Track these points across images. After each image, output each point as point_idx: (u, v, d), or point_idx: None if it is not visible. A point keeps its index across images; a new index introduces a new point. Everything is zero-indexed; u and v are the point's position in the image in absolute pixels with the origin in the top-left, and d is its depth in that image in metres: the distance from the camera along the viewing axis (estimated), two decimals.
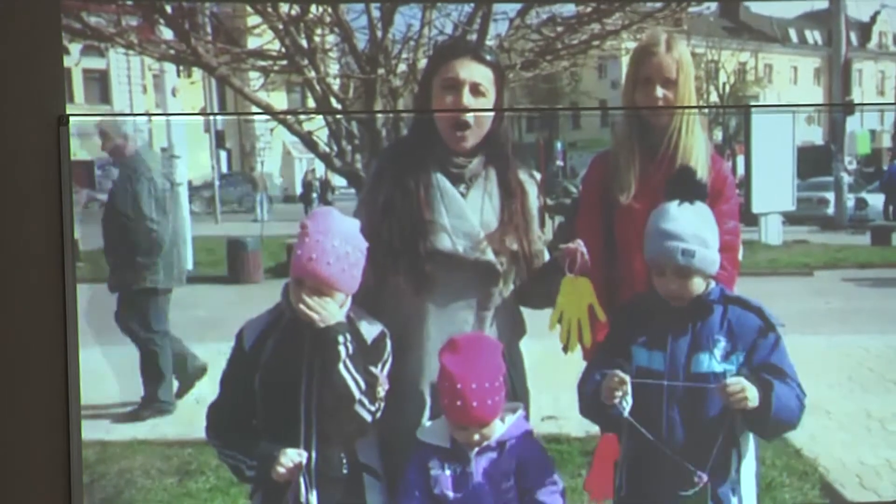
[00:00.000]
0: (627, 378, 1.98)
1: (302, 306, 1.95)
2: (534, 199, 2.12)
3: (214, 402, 2.06)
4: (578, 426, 2.22)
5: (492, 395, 1.98)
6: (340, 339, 1.96)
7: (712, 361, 2.00)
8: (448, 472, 2.00)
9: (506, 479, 2.00)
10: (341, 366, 1.96)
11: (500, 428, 2.01)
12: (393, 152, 2.20)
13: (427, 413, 2.08)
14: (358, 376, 1.97)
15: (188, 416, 2.26)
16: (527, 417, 2.08)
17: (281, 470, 1.98)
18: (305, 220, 2.02)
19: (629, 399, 1.98)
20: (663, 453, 1.99)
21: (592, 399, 2.03)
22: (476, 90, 2.05)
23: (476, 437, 1.99)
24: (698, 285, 2.01)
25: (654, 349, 2.01)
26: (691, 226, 1.99)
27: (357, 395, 1.97)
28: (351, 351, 1.97)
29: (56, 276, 2.01)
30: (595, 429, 2.19)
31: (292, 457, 1.98)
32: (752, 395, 1.95)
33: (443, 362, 2.00)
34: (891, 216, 2.62)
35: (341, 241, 1.96)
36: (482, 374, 1.98)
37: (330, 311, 1.97)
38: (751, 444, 2.07)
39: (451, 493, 1.99)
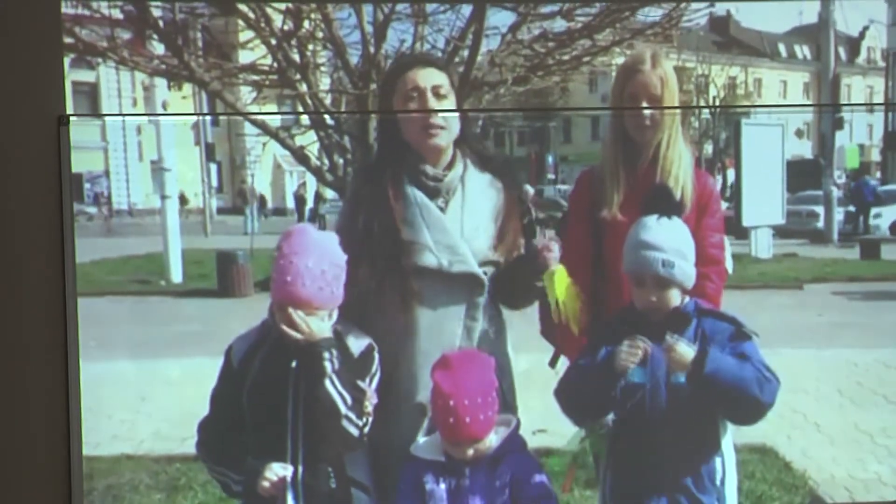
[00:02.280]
0: (648, 345, 1.99)
1: (284, 326, 1.95)
2: (512, 206, 2.12)
3: (205, 419, 2.05)
4: (567, 440, 2.20)
5: (484, 410, 1.97)
6: (326, 354, 1.95)
7: None
8: (443, 486, 1.99)
9: (500, 492, 2.00)
10: (327, 381, 1.96)
11: (494, 441, 2.01)
12: (366, 174, 2.19)
13: (423, 429, 2.07)
14: (344, 391, 1.97)
15: (176, 432, 2.26)
16: (518, 429, 2.07)
17: (266, 484, 1.97)
18: (280, 240, 2.02)
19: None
20: (648, 453, 1.99)
21: (578, 396, 2.03)
22: (437, 93, 2.06)
23: (470, 452, 1.99)
24: (675, 298, 2.03)
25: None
26: (670, 239, 2.02)
27: (343, 410, 1.96)
28: (337, 366, 1.97)
29: (56, 276, 2.00)
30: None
31: (277, 471, 1.97)
32: (683, 351, 1.97)
33: (435, 380, 1.99)
34: (860, 229, 2.63)
35: (316, 260, 1.96)
36: (474, 390, 1.98)
37: (314, 327, 1.96)
38: (732, 456, 2.06)
39: None
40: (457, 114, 2.06)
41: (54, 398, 2.03)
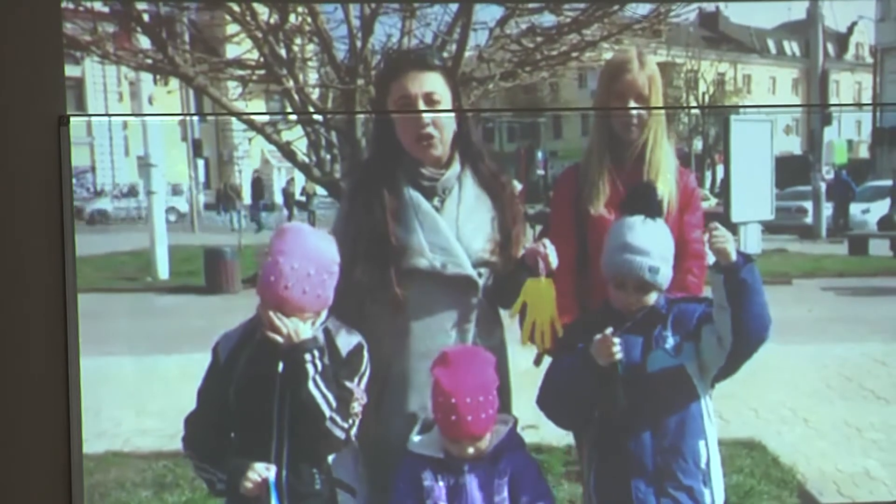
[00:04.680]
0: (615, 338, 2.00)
1: (267, 329, 1.93)
2: (514, 208, 2.12)
3: (191, 415, 2.04)
4: (559, 435, 2.21)
5: (485, 408, 1.97)
6: (308, 356, 1.93)
7: (665, 357, 2.02)
8: (441, 484, 1.99)
9: (499, 491, 2.00)
10: (311, 384, 1.93)
11: (494, 440, 2.00)
12: (361, 177, 2.19)
13: (416, 429, 2.06)
14: (329, 393, 1.95)
15: (163, 429, 2.24)
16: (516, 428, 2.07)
17: (248, 484, 1.95)
18: (272, 236, 2.00)
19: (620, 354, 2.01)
20: (630, 441, 2.00)
21: (556, 398, 2.04)
22: (430, 100, 2.05)
23: (470, 450, 1.98)
24: (653, 298, 2.04)
25: None
26: (656, 243, 2.03)
27: (328, 412, 1.94)
28: (321, 368, 1.94)
29: (56, 277, 1.99)
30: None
31: (260, 471, 1.96)
32: (732, 248, 1.99)
33: (436, 376, 1.98)
34: (839, 226, 2.64)
35: (302, 262, 1.93)
36: (475, 387, 1.97)
37: (294, 329, 1.94)
38: (715, 439, 2.08)
39: None
40: (452, 116, 2.06)
41: (53, 395, 2.02)
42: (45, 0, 1.98)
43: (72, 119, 1.97)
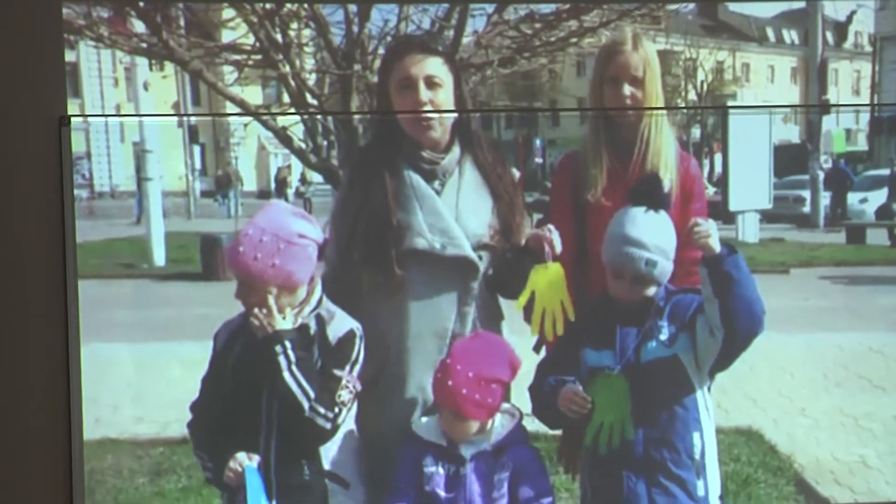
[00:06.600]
0: (589, 402, 2.00)
1: (251, 316, 1.94)
2: (515, 196, 2.12)
3: (195, 401, 2.04)
4: None
5: (484, 394, 1.97)
6: (279, 348, 1.93)
7: (660, 347, 2.03)
8: (442, 471, 1.99)
9: (499, 485, 2.00)
10: (286, 375, 1.93)
11: (496, 431, 2.00)
12: (361, 158, 2.18)
13: (418, 411, 2.06)
14: (307, 385, 1.94)
15: (159, 416, 2.24)
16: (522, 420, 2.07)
17: (230, 474, 1.96)
18: None
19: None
20: (626, 454, 2.00)
21: (547, 402, 2.04)
22: (431, 82, 2.05)
23: (462, 431, 1.98)
24: (651, 291, 2.04)
25: (602, 348, 2.02)
26: (656, 236, 2.03)
27: (306, 404, 1.94)
28: (294, 359, 1.94)
29: (57, 276, 2.00)
30: None
31: (241, 461, 1.96)
32: (716, 241, 1.98)
33: (455, 344, 2.00)
34: (837, 215, 2.65)
35: (256, 228, 1.94)
36: (482, 368, 1.97)
37: (269, 319, 1.93)
38: (712, 430, 2.09)
39: (442, 493, 1.99)
40: (451, 101, 2.05)
41: (53, 382, 2.02)
42: (46, 2, 1.96)
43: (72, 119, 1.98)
